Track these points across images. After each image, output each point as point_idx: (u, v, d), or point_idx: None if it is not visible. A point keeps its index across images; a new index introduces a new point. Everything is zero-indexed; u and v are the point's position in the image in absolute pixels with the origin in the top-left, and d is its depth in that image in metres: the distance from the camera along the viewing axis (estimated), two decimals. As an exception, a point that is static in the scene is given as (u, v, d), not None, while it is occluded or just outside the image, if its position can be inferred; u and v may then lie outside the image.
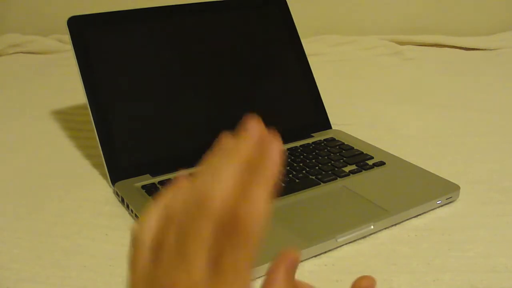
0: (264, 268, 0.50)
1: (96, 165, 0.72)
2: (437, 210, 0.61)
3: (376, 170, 0.67)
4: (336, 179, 0.65)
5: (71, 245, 0.55)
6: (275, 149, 0.28)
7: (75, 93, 0.97)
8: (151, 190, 0.62)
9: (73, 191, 0.66)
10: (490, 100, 0.96)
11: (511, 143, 0.78)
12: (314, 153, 0.71)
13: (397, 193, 0.62)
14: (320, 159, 0.69)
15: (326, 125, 0.79)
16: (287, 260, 0.31)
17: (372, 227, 0.56)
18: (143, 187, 0.63)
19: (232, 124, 0.73)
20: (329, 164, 0.68)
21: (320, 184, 0.64)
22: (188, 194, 0.27)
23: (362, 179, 0.65)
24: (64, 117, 0.90)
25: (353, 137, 0.77)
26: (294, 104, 0.78)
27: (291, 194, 0.61)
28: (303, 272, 0.51)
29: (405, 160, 0.69)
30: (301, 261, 0.52)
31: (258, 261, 0.52)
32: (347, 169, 0.67)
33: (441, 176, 0.65)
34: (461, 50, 1.28)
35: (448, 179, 0.64)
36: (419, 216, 0.60)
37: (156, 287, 0.26)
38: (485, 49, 1.27)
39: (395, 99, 0.97)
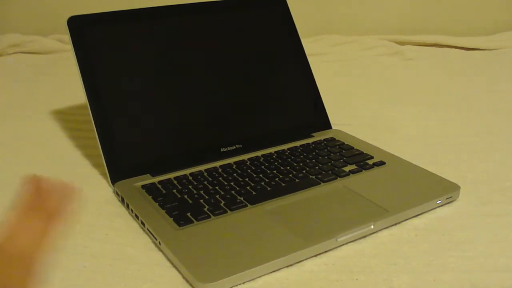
0: (265, 268, 0.50)
1: (96, 165, 0.72)
2: (437, 210, 0.61)
3: (376, 170, 0.67)
4: (336, 179, 0.65)
5: (71, 245, 0.55)
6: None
7: (75, 93, 0.97)
8: (151, 190, 0.62)
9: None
10: (490, 100, 0.96)
11: (511, 143, 0.78)
12: (314, 153, 0.71)
13: (397, 193, 0.62)
14: (320, 159, 0.69)
15: (326, 125, 0.79)
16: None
17: (372, 226, 0.56)
18: (143, 187, 0.63)
19: (232, 123, 0.74)
20: (329, 164, 0.68)
21: (320, 184, 0.64)
22: None
23: (362, 179, 0.65)
24: (64, 117, 0.90)
25: (353, 137, 0.77)
26: (294, 104, 0.78)
27: (291, 194, 0.61)
28: (303, 272, 0.51)
29: (405, 160, 0.69)
30: (301, 261, 0.52)
31: (259, 261, 0.52)
32: (347, 169, 0.67)
33: (441, 176, 0.65)
34: (461, 50, 1.28)
35: (448, 179, 0.64)
36: (419, 216, 0.60)
37: None
38: (485, 49, 1.27)
39: (395, 99, 0.97)
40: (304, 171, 0.66)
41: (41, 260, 0.31)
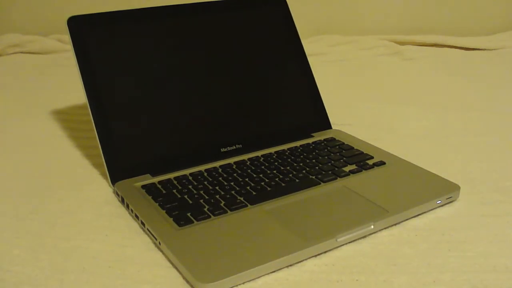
0: (265, 268, 0.50)
1: (96, 165, 0.72)
2: (437, 210, 0.61)
3: (376, 170, 0.67)
4: (336, 179, 0.65)
5: (70, 246, 0.55)
6: None
7: (75, 93, 0.97)
8: (151, 190, 0.62)
9: (73, 191, 0.66)
10: (490, 100, 0.96)
11: (511, 143, 0.78)
12: (314, 153, 0.71)
13: (397, 193, 0.62)
14: (320, 159, 0.69)
15: (326, 125, 0.79)
16: None
17: (372, 227, 0.56)
18: (143, 187, 0.63)
19: (232, 123, 0.74)
20: (329, 164, 0.68)
21: (320, 184, 0.64)
22: None
23: (362, 179, 0.65)
24: (64, 117, 0.90)
25: (353, 137, 0.77)
26: (294, 104, 0.78)
27: (291, 194, 0.61)
28: (303, 272, 0.51)
29: (405, 160, 0.69)
30: (301, 261, 0.52)
31: (259, 261, 0.52)
32: (347, 169, 0.67)
33: (441, 176, 0.65)
34: (461, 50, 1.28)
35: (448, 179, 0.64)
36: (419, 216, 0.60)
37: None
38: (485, 49, 1.27)
39: (395, 99, 0.97)
40: (304, 171, 0.66)
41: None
